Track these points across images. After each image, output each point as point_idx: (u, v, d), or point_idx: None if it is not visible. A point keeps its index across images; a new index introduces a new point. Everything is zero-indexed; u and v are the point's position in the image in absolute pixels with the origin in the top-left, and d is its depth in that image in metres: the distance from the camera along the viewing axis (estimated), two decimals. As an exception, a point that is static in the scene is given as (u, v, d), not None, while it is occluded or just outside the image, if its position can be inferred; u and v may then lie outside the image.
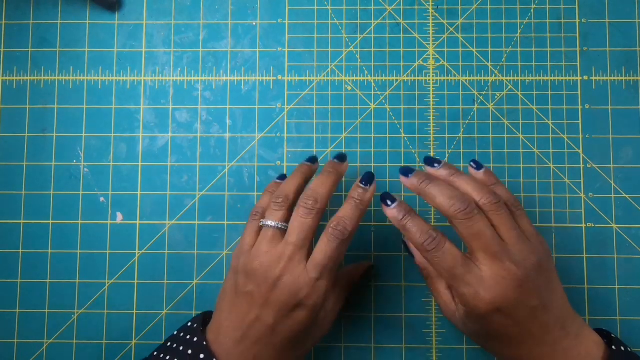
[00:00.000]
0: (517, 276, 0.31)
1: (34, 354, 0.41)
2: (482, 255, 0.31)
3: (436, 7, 0.43)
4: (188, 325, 0.35)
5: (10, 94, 0.43)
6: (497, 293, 0.31)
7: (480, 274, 0.31)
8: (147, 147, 0.43)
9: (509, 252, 0.31)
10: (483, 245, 0.31)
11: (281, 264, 0.33)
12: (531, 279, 0.31)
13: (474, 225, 0.31)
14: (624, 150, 0.41)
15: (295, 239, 0.33)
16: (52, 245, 0.42)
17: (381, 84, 0.43)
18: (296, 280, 0.32)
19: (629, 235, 0.41)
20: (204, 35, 0.43)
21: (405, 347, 0.40)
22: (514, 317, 0.31)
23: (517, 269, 0.31)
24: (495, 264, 0.31)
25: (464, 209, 0.31)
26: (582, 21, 0.43)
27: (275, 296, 0.32)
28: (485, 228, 0.31)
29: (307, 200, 0.34)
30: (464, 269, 0.31)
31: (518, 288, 0.31)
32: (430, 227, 0.32)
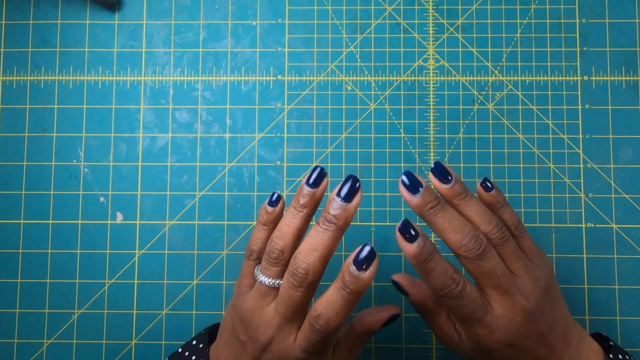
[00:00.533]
0: (527, 309, 0.30)
1: (34, 354, 0.41)
2: (493, 292, 0.30)
3: (436, 7, 0.43)
4: (193, 344, 0.34)
5: (10, 94, 0.43)
6: (510, 331, 0.30)
7: (495, 314, 0.30)
8: (147, 147, 0.43)
9: (519, 286, 0.30)
10: (494, 283, 0.30)
11: (270, 330, 0.30)
12: (539, 306, 0.30)
13: (485, 264, 0.29)
14: (624, 150, 0.41)
15: (284, 311, 0.29)
16: (52, 245, 0.42)
17: (381, 84, 0.43)
18: (284, 351, 0.30)
19: (629, 235, 0.41)
20: (204, 35, 0.43)
21: (405, 347, 0.40)
22: (523, 348, 0.31)
23: (527, 302, 0.30)
24: (506, 300, 0.30)
25: (477, 249, 0.29)
26: (582, 21, 0.43)
27: (265, 359, 0.31)
28: (497, 265, 0.30)
29: (296, 269, 0.28)
30: (482, 312, 0.30)
31: (529, 321, 0.30)
32: (454, 270, 0.29)
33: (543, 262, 0.33)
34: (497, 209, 0.33)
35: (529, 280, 0.31)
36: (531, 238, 0.33)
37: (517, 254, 0.31)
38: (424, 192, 0.30)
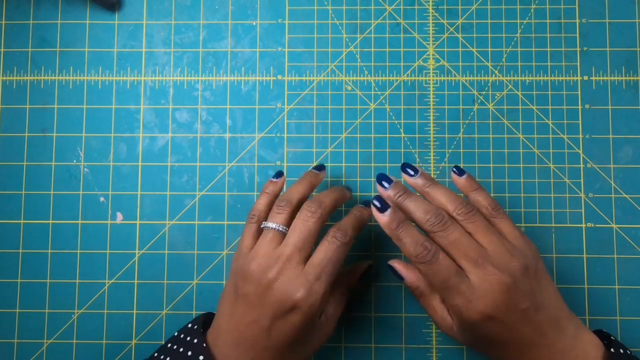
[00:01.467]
0: (502, 280, 0.31)
1: (34, 354, 0.41)
2: (465, 263, 0.32)
3: (436, 7, 0.43)
4: (188, 327, 0.35)
5: (10, 94, 0.43)
6: (488, 301, 0.31)
7: (470, 283, 0.32)
8: (147, 147, 0.43)
9: (489, 257, 0.32)
10: (462, 253, 0.32)
11: (278, 264, 0.33)
12: (518, 281, 0.31)
13: (448, 235, 0.32)
14: (624, 150, 0.41)
15: (296, 239, 0.33)
16: (52, 245, 0.42)
17: (381, 84, 0.43)
18: (293, 281, 0.32)
19: (629, 235, 0.41)
20: (204, 35, 0.43)
21: (405, 347, 0.40)
22: (506, 323, 0.31)
23: (501, 273, 0.31)
24: (478, 269, 0.32)
25: (439, 222, 0.32)
26: (582, 21, 0.43)
27: (271, 297, 0.32)
28: (461, 236, 0.32)
29: (310, 204, 0.34)
30: (457, 279, 0.32)
31: (506, 293, 0.31)
32: (424, 239, 0.33)
33: (525, 244, 0.34)
34: (471, 192, 0.36)
35: (501, 254, 0.32)
36: (511, 221, 0.35)
37: (487, 229, 0.33)
38: (394, 184, 0.35)
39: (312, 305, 0.32)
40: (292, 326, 0.32)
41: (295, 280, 0.32)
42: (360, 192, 0.42)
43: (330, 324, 0.35)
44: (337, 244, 0.33)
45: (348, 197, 0.39)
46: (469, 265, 0.32)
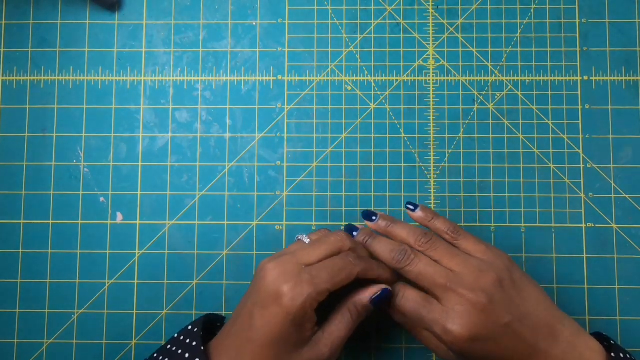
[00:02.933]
0: (476, 300, 0.32)
1: (34, 354, 0.41)
2: (436, 290, 0.33)
3: (436, 7, 0.43)
4: (188, 329, 0.35)
5: (10, 94, 0.43)
6: (465, 323, 0.31)
7: (443, 309, 0.32)
8: (147, 147, 0.43)
9: (459, 279, 0.32)
10: (430, 282, 0.33)
11: (284, 258, 0.33)
12: (494, 296, 0.32)
13: (413, 268, 0.34)
14: (624, 150, 0.41)
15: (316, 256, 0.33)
16: (52, 245, 0.42)
17: (381, 84, 0.43)
18: (286, 274, 0.32)
19: (629, 235, 0.41)
20: (204, 35, 0.43)
21: (405, 347, 0.40)
22: (492, 341, 0.31)
23: (473, 292, 0.32)
24: (449, 294, 0.32)
25: (402, 257, 0.34)
26: (582, 21, 0.43)
27: (262, 283, 0.32)
28: (426, 266, 0.33)
29: (356, 258, 0.34)
30: (426, 309, 0.33)
31: (482, 312, 0.31)
32: (390, 274, 0.35)
33: (495, 256, 0.34)
34: (429, 222, 0.37)
35: (470, 273, 0.33)
36: (474, 237, 0.35)
37: (451, 253, 0.34)
38: (360, 231, 0.37)
39: (293, 301, 0.31)
40: (272, 320, 0.31)
41: (289, 274, 0.32)
42: (360, 192, 0.42)
43: (330, 345, 0.33)
44: (344, 257, 0.33)
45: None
46: (440, 292, 0.33)
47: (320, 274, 0.32)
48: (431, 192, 0.42)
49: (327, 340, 0.33)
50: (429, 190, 0.42)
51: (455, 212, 0.41)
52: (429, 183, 0.42)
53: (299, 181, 0.42)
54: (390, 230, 0.37)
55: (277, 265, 0.32)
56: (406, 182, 0.42)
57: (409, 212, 0.38)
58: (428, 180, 0.42)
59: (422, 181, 0.42)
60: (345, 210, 0.42)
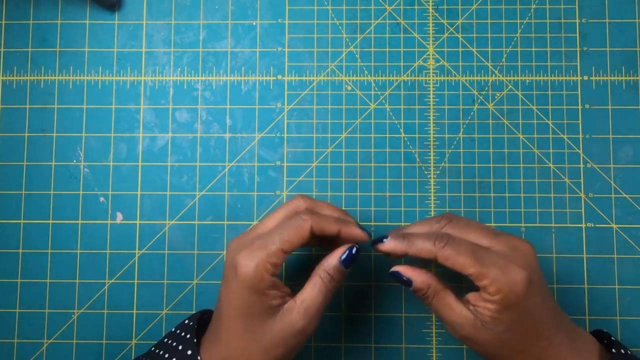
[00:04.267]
0: (527, 244, 0.32)
1: (34, 354, 0.41)
2: (484, 241, 0.32)
3: (436, 7, 0.43)
4: (185, 323, 0.35)
5: (10, 94, 0.43)
6: (525, 262, 0.31)
7: (500, 252, 0.31)
8: (147, 147, 0.43)
9: (499, 231, 0.33)
10: (475, 236, 0.32)
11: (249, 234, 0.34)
12: (533, 268, 0.32)
13: (455, 238, 0.32)
14: (624, 150, 0.41)
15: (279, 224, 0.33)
16: (52, 245, 0.42)
17: (381, 84, 0.43)
18: (242, 244, 0.32)
19: (629, 235, 0.41)
20: (204, 35, 0.43)
21: (405, 347, 0.40)
22: (541, 295, 0.31)
23: (520, 239, 0.32)
24: (500, 239, 0.32)
25: (440, 241, 0.32)
26: (582, 21, 0.43)
27: (225, 261, 0.33)
28: (460, 233, 0.33)
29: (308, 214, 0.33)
30: (482, 250, 0.31)
31: (535, 256, 0.32)
32: (430, 232, 0.33)
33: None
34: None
35: (505, 236, 0.33)
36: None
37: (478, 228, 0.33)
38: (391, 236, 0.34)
39: (247, 268, 0.31)
40: (232, 291, 0.31)
41: (243, 245, 0.32)
42: (360, 192, 0.42)
43: (304, 313, 0.32)
44: (294, 216, 0.33)
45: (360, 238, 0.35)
46: (489, 241, 0.32)
47: (271, 237, 0.32)
48: (431, 192, 0.42)
49: (299, 308, 0.32)
50: (429, 190, 0.42)
51: (455, 212, 0.41)
52: (429, 183, 0.42)
53: (299, 181, 0.42)
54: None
55: (235, 241, 0.33)
56: (406, 182, 0.42)
57: (379, 245, 0.34)
58: (428, 180, 0.42)
59: (422, 181, 0.42)
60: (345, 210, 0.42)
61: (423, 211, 0.41)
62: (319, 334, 0.41)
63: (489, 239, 0.32)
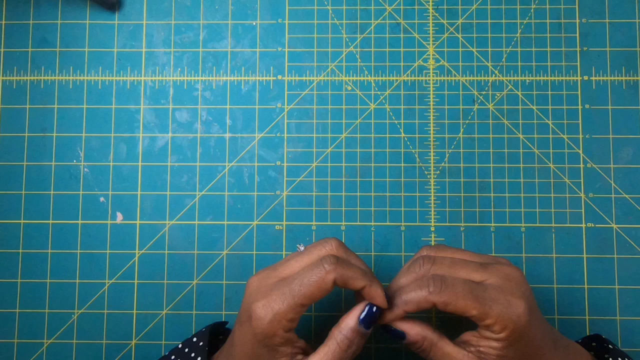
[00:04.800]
0: (517, 271, 0.31)
1: (34, 354, 0.41)
2: (474, 275, 0.31)
3: (436, 7, 0.43)
4: (193, 341, 0.34)
5: (10, 94, 0.43)
6: (521, 292, 0.29)
7: (496, 286, 0.30)
8: (147, 147, 0.43)
9: (487, 259, 0.32)
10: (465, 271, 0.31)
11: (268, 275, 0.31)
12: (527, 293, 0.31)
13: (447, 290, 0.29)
14: (624, 150, 0.41)
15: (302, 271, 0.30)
16: (52, 245, 0.42)
17: (381, 84, 0.43)
18: (261, 290, 0.30)
19: (629, 235, 0.41)
20: (204, 35, 0.43)
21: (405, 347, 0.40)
22: (539, 318, 0.30)
23: (509, 265, 0.31)
24: (491, 270, 0.31)
25: (432, 285, 0.30)
26: (582, 21, 0.43)
27: (243, 298, 0.31)
28: (451, 264, 0.31)
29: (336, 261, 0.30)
30: (480, 288, 0.29)
31: (525, 282, 0.30)
32: (423, 279, 0.30)
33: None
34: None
35: (489, 256, 0.32)
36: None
37: (454, 259, 0.32)
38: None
39: (261, 321, 0.28)
40: (245, 338, 0.29)
41: (262, 290, 0.29)
42: (360, 192, 0.42)
43: None
44: (318, 263, 0.29)
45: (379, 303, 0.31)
46: (480, 275, 0.30)
47: (291, 287, 0.29)
48: (431, 192, 0.42)
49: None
50: (429, 190, 0.42)
51: (455, 212, 0.41)
52: (429, 183, 0.42)
53: (299, 181, 0.42)
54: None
55: (256, 279, 0.30)
56: (406, 182, 0.42)
57: (380, 324, 0.32)
58: (428, 180, 0.42)
59: (422, 181, 0.42)
60: (345, 210, 0.42)
61: (423, 211, 0.41)
62: (318, 334, 0.41)
63: (480, 272, 0.31)
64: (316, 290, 0.28)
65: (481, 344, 0.30)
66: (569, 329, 0.40)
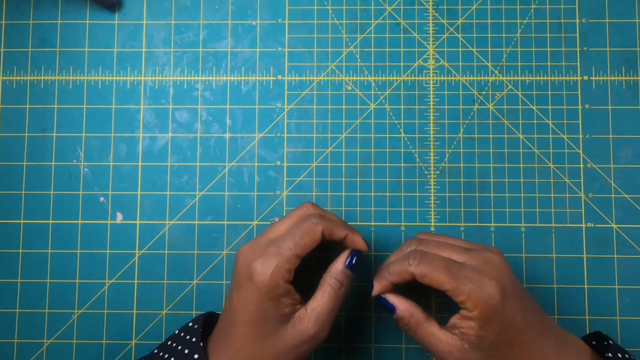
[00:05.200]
0: (499, 256, 0.33)
1: (34, 354, 0.41)
2: (456, 256, 0.33)
3: (436, 7, 0.43)
4: (189, 326, 0.35)
5: (10, 94, 0.43)
6: (498, 274, 0.31)
7: (474, 267, 0.32)
8: (147, 147, 0.43)
9: (472, 244, 0.34)
10: (448, 252, 0.33)
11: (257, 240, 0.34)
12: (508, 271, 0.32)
13: (429, 252, 0.33)
14: (624, 150, 0.41)
15: (289, 231, 0.33)
16: (52, 245, 0.42)
17: (381, 84, 0.43)
18: (255, 251, 0.33)
19: (629, 235, 0.41)
20: (204, 35, 0.43)
21: (405, 347, 0.40)
22: (519, 303, 0.31)
23: (492, 250, 0.33)
24: (473, 254, 0.32)
25: (417, 258, 0.32)
26: (582, 21, 0.43)
27: (235, 266, 0.33)
28: (434, 245, 0.34)
29: (321, 217, 0.34)
30: (457, 266, 0.32)
31: (507, 266, 0.32)
32: (408, 253, 0.33)
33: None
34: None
35: (475, 243, 0.34)
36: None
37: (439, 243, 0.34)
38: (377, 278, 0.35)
39: (263, 275, 0.31)
40: (247, 298, 0.32)
41: (257, 251, 0.32)
42: (360, 192, 0.42)
43: (315, 321, 0.32)
44: (305, 219, 0.33)
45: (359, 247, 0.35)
46: (462, 256, 0.32)
47: (285, 242, 0.32)
48: (431, 192, 0.42)
49: (310, 316, 0.33)
50: (429, 190, 0.42)
51: (455, 212, 0.41)
52: (429, 183, 0.42)
53: (299, 181, 0.42)
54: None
55: (247, 246, 0.33)
56: (406, 182, 0.42)
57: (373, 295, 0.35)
58: (428, 180, 0.42)
59: (422, 181, 0.42)
60: (345, 210, 0.42)
61: (423, 211, 0.41)
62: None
63: (462, 254, 0.33)
64: (309, 240, 0.33)
65: (462, 325, 0.31)
66: (568, 328, 0.39)
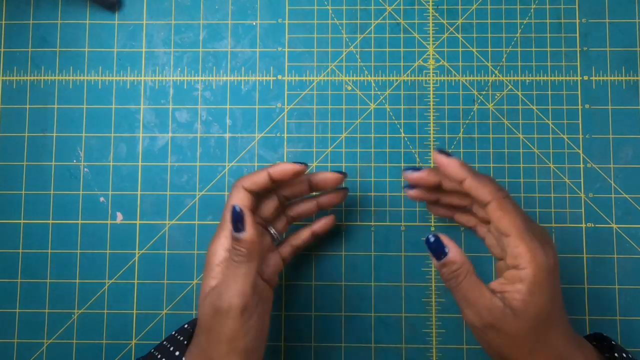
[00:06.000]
0: (552, 241, 0.32)
1: (34, 354, 0.41)
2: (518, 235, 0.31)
3: (436, 7, 0.43)
4: (183, 327, 0.35)
5: (10, 94, 0.43)
6: (553, 247, 0.31)
7: (539, 230, 0.32)
8: (147, 147, 0.43)
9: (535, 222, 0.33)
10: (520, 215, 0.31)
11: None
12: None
13: (513, 203, 0.32)
14: (624, 150, 0.41)
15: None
16: (52, 245, 0.42)
17: (381, 84, 0.43)
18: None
19: (629, 235, 0.41)
20: (204, 35, 0.43)
21: (405, 347, 0.40)
22: (559, 288, 0.31)
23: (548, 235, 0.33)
24: (536, 225, 0.32)
25: (506, 193, 0.32)
26: (582, 21, 0.43)
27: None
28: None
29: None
30: (530, 223, 0.31)
31: (552, 243, 0.32)
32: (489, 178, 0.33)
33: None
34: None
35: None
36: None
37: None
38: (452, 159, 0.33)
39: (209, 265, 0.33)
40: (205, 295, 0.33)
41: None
42: (360, 192, 0.42)
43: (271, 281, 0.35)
44: (233, 192, 0.34)
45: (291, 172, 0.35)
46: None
47: (226, 222, 0.34)
48: (431, 192, 0.42)
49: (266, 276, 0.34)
50: (429, 190, 0.42)
51: (455, 212, 0.41)
52: (429, 183, 0.42)
53: (299, 181, 0.42)
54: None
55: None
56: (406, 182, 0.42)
57: (409, 175, 0.35)
58: (428, 180, 0.42)
59: (422, 181, 0.42)
60: (345, 210, 0.42)
61: (423, 211, 0.41)
62: (318, 334, 0.41)
63: (529, 221, 0.32)
64: (244, 197, 0.34)
65: (507, 289, 0.30)
66: (569, 329, 0.40)
